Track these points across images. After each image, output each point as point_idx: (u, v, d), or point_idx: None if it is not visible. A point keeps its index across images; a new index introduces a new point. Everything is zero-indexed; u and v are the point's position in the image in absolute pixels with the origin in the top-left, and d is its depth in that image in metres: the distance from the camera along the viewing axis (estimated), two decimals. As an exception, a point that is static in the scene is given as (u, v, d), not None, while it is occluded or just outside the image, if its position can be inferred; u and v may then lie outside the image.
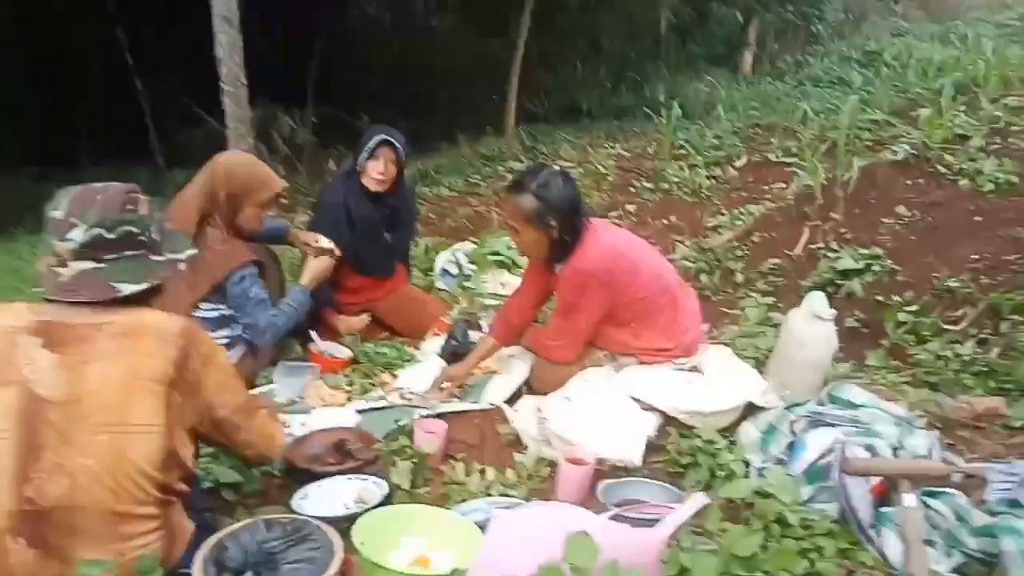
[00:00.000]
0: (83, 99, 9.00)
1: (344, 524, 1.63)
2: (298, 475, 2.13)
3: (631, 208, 5.85)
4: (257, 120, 7.89)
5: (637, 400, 2.25)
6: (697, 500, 1.50)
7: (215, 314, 2.59)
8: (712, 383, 2.28)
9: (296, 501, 1.95)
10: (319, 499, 1.98)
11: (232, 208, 2.58)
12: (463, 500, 1.93)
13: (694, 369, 2.41)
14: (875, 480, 1.77)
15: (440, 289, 3.70)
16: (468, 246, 3.90)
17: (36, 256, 1.58)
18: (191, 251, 1.66)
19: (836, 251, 3.59)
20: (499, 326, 2.70)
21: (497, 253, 3.58)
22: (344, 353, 2.89)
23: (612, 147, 8.18)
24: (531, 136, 9.21)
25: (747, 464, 1.98)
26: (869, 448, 1.83)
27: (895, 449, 1.88)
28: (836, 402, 2.06)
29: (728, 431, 2.20)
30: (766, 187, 5.67)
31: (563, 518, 1.46)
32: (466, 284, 3.57)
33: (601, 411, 2.17)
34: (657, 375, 2.34)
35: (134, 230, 1.50)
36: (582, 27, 12.25)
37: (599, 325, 2.46)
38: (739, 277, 3.92)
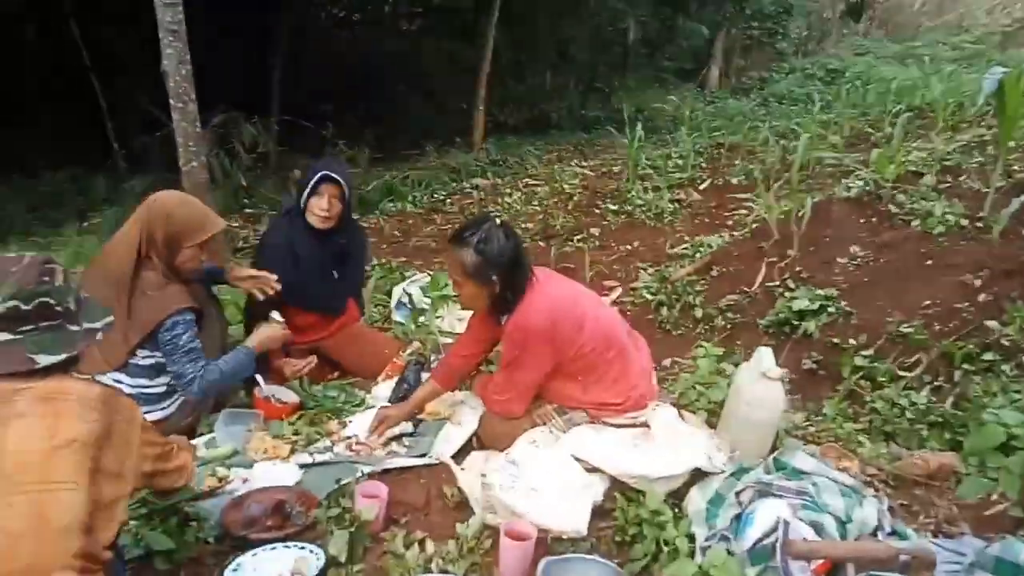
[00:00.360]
0: (39, 100, 8.71)
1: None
2: (234, 541, 2.05)
3: (595, 231, 5.86)
4: (217, 128, 7.78)
5: (582, 461, 2.21)
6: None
7: (150, 361, 2.49)
8: (660, 445, 2.25)
9: (228, 573, 1.88)
10: (253, 570, 1.91)
11: (170, 250, 2.48)
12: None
13: (644, 425, 2.38)
14: (818, 561, 1.76)
15: (397, 322, 3.63)
16: (424, 279, 3.84)
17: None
18: (107, 319, 1.67)
19: (792, 290, 3.61)
20: (441, 371, 2.66)
21: (447, 285, 3.51)
22: (291, 398, 2.81)
23: (579, 164, 8.20)
24: (499, 149, 9.19)
25: (692, 539, 1.95)
26: (815, 525, 1.81)
27: (843, 523, 1.87)
28: (783, 469, 2.05)
29: (677, 496, 2.18)
30: (728, 213, 5.72)
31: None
32: (420, 320, 3.50)
33: (546, 476, 2.12)
34: (604, 437, 2.31)
35: (51, 301, 1.52)
36: (551, 36, 12.26)
37: (546, 379, 2.42)
38: (698, 312, 3.93)
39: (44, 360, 1.49)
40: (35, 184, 7.76)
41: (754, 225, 4.74)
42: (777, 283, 3.78)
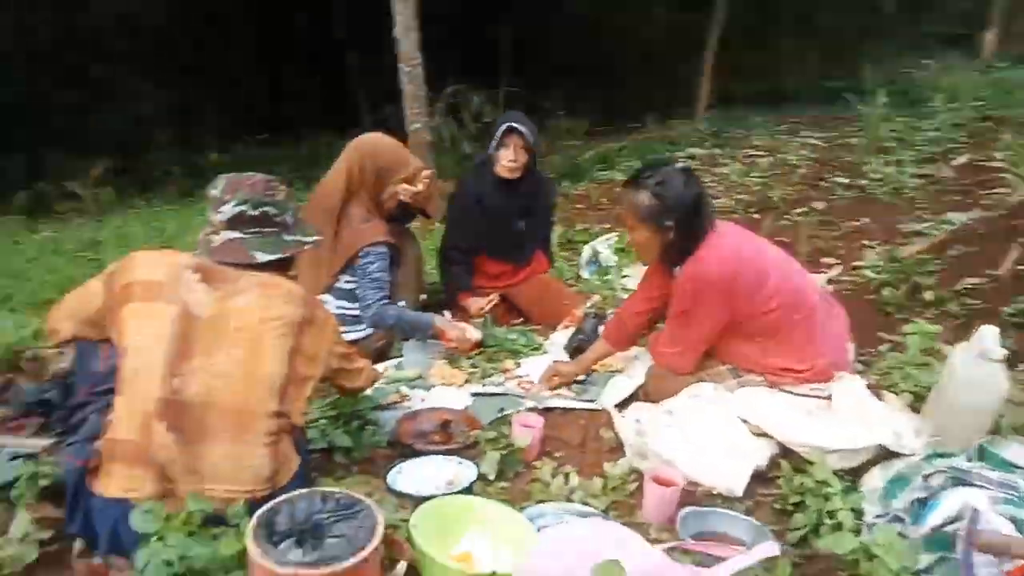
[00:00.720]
0: (306, 75, 9.91)
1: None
2: (402, 449, 2.23)
3: (819, 206, 5.36)
4: (448, 98, 8.31)
5: (749, 424, 2.07)
6: (765, 549, 1.36)
7: (351, 286, 2.77)
8: (841, 418, 2.03)
9: (392, 475, 2.05)
10: (412, 474, 2.06)
11: (377, 184, 2.73)
12: (542, 500, 1.90)
13: (826, 398, 2.16)
14: (1019, 562, 1.48)
15: (584, 279, 3.65)
16: (614, 237, 3.80)
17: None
18: (316, 238, 1.97)
19: (1049, 275, 3.03)
20: (612, 329, 2.63)
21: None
22: (474, 335, 2.96)
23: (811, 135, 7.54)
24: (723, 120, 8.74)
25: (860, 515, 1.74)
26: (1016, 522, 1.53)
27: (1056, 528, 1.56)
28: (989, 459, 1.75)
29: (855, 475, 1.96)
30: (985, 192, 4.92)
31: (611, 542, 1.40)
32: (606, 277, 3.48)
33: (705, 431, 2.02)
34: (777, 400, 2.13)
35: (271, 211, 1.83)
36: (792, 1, 11.32)
37: (720, 336, 2.28)
38: (928, 295, 3.44)
39: (261, 257, 1.79)
40: (299, 148, 8.87)
41: (1009, 201, 4.03)
42: (1031, 266, 3.20)
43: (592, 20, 12.15)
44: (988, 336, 2.02)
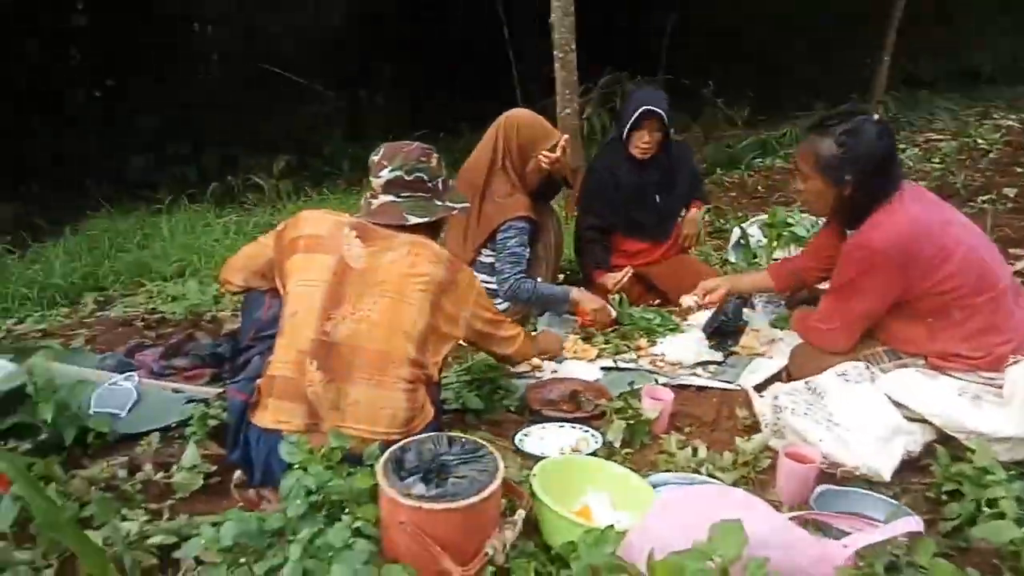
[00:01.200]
0: (461, 63, 10.24)
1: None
2: (531, 414, 2.28)
3: (1010, 192, 4.81)
4: (602, 88, 8.28)
5: (903, 407, 1.90)
6: (906, 523, 1.25)
7: (491, 259, 2.86)
8: (1011, 404, 1.81)
9: (519, 436, 2.10)
10: (539, 439, 2.10)
11: (520, 157, 2.81)
12: (668, 470, 1.86)
13: (999, 386, 1.93)
14: None
15: (730, 262, 3.52)
16: (764, 218, 3.61)
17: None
18: (464, 204, 2.11)
19: None
20: (780, 268, 2.60)
21: (791, 226, 3.23)
22: (612, 311, 2.95)
23: (1004, 118, 6.74)
24: (903, 103, 8.02)
25: (1027, 507, 1.55)
26: None
27: None
28: None
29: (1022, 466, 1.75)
30: None
31: (737, 507, 1.35)
32: (755, 260, 3.32)
33: (852, 411, 1.88)
34: (938, 383, 1.94)
35: (424, 177, 1.97)
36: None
37: (883, 314, 2.10)
38: None
39: (412, 219, 1.94)
40: (457, 141, 9.21)
41: None
42: None
43: (758, 3, 11.58)
44: None
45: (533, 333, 2.79)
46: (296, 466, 1.61)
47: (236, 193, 6.91)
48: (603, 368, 2.58)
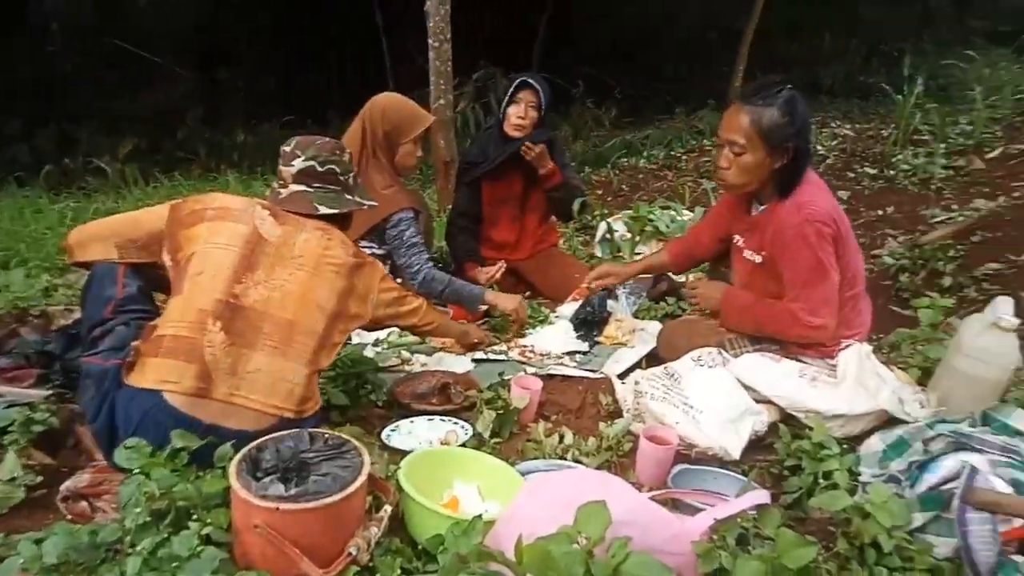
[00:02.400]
0: (333, 52, 9.93)
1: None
2: (399, 409, 2.23)
3: (844, 195, 5.26)
4: (476, 83, 8.31)
5: (751, 390, 2.03)
6: (753, 497, 1.32)
7: (367, 251, 2.76)
8: (845, 385, 1.98)
9: (386, 432, 2.05)
10: (407, 433, 2.06)
11: (390, 146, 2.73)
12: (535, 458, 1.88)
13: (834, 366, 2.11)
14: (1017, 523, 1.43)
15: (597, 257, 3.62)
16: (628, 213, 3.76)
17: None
18: (373, 202, 2.13)
19: (1075, 260, 2.93)
20: (678, 245, 2.62)
21: (652, 221, 3.38)
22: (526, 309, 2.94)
23: (841, 126, 7.40)
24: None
25: (856, 477, 1.70)
26: (1016, 484, 1.48)
27: (1059, 494, 1.50)
28: (991, 424, 1.69)
29: (856, 442, 1.91)
30: (1016, 184, 4.78)
31: (599, 488, 1.37)
32: (618, 254, 3.44)
33: (706, 394, 1.98)
34: (781, 366, 2.09)
35: (337, 169, 1.98)
36: (838, -7, 11.10)
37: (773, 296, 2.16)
38: (946, 280, 3.36)
39: (323, 210, 1.93)
40: (326, 127, 8.91)
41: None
42: (1057, 251, 3.10)
43: (628, 11, 12.05)
44: (1002, 305, 1.97)
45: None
46: (136, 471, 1.48)
47: (75, 177, 6.33)
48: (474, 360, 2.57)
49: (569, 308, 2.96)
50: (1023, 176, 4.88)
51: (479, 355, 2.61)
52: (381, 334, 2.75)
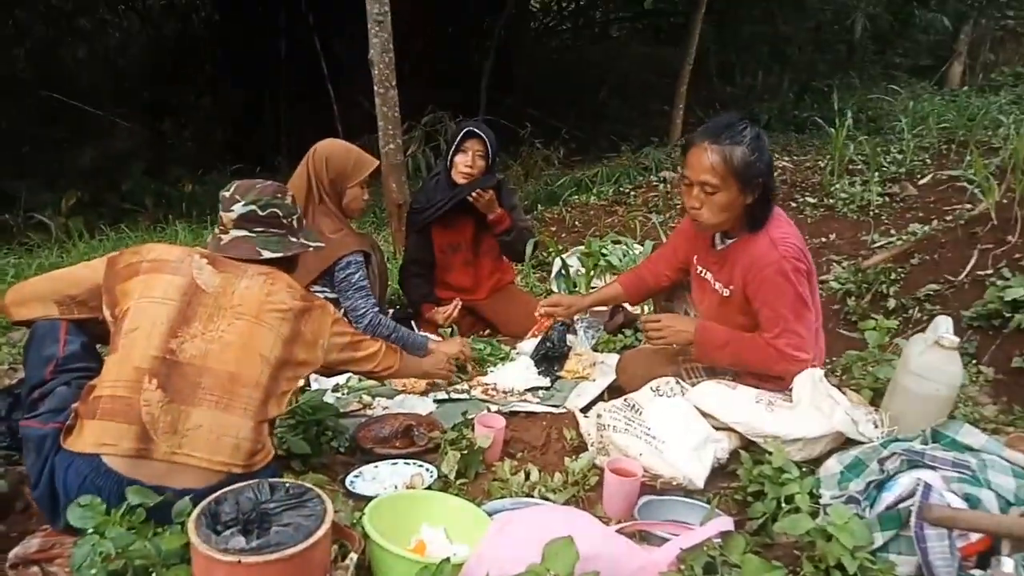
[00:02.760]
0: (283, 104, 9.95)
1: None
2: (362, 454, 2.20)
3: (786, 225, 5.44)
4: (425, 127, 8.39)
5: (710, 417, 2.06)
6: (717, 524, 1.34)
7: (320, 296, 2.74)
8: (800, 409, 2.03)
9: (349, 478, 2.01)
10: (371, 478, 2.03)
11: (336, 192, 2.73)
12: (501, 497, 1.87)
13: (789, 390, 2.16)
14: (974, 537, 1.48)
15: (553, 292, 3.66)
16: (581, 249, 3.82)
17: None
18: (319, 243, 2.09)
19: (1007, 279, 3.08)
20: (631, 279, 2.63)
21: (605, 256, 3.44)
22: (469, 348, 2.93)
23: (780, 158, 7.68)
24: (694, 147, 8.90)
25: (818, 500, 1.73)
26: (969, 498, 1.53)
27: (1009, 503, 1.56)
28: (941, 440, 1.75)
29: (815, 465, 1.96)
30: (948, 208, 5.03)
31: (565, 524, 1.37)
32: (575, 289, 3.48)
33: (667, 424, 2.01)
34: (737, 393, 2.13)
35: (279, 212, 1.94)
36: (765, 36, 11.63)
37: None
38: (891, 303, 3.49)
39: (267, 254, 1.89)
40: (274, 175, 8.86)
41: (970, 214, 4.12)
42: (990, 271, 3.25)
43: (571, 55, 12.43)
44: (942, 325, 2.05)
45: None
46: (91, 531, 1.43)
47: (15, 233, 6.14)
48: (436, 400, 2.56)
49: (529, 344, 2.97)
50: (953, 201, 5.13)
51: (441, 395, 2.60)
52: (341, 379, 2.72)
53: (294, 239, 1.98)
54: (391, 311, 3.25)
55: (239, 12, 9.68)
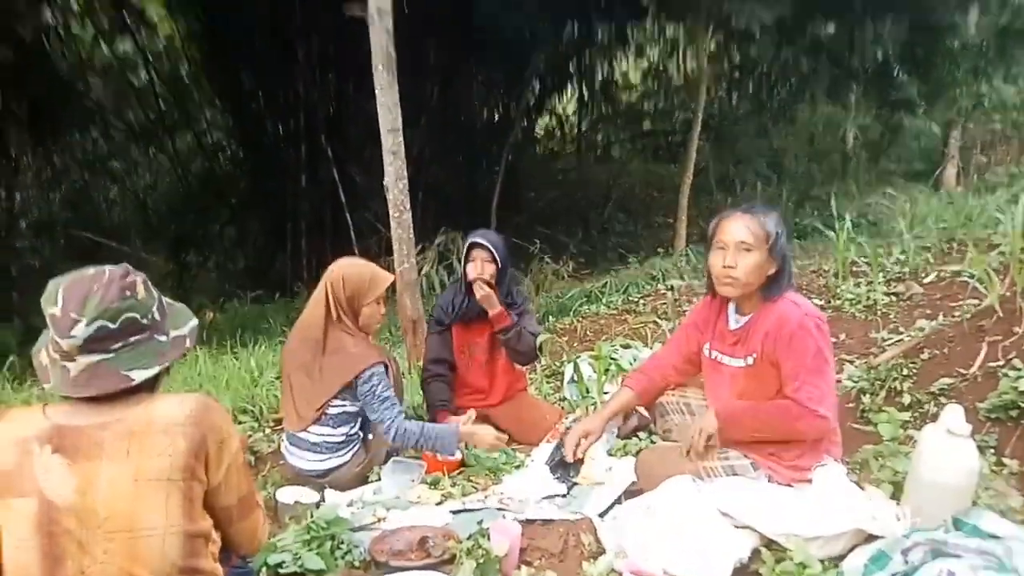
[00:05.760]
0: (300, 231, 10.35)
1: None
2: (377, 568, 2.17)
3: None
4: (438, 247, 8.70)
5: (728, 516, 2.04)
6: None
7: (338, 411, 2.78)
8: (821, 505, 2.01)
9: (365, 592, 1.99)
10: (387, 592, 2.00)
11: (353, 309, 2.81)
12: (520, 606, 1.84)
13: (808, 481, 2.15)
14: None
15: (565, 399, 3.68)
16: (592, 353, 3.87)
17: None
18: (193, 323, 1.62)
19: (1019, 370, 3.08)
20: (639, 379, 2.66)
21: (615, 360, 3.49)
22: (455, 455, 2.94)
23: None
24: (700, 255, 9.08)
25: (842, 596, 1.69)
26: (996, 587, 1.50)
27: (1038, 595, 1.52)
28: (963, 528, 1.73)
29: (837, 562, 1.92)
30: (954, 304, 5.07)
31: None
32: (587, 395, 3.51)
33: (685, 525, 1.99)
34: (756, 491, 2.11)
35: (136, 315, 1.46)
36: (761, 149, 12.16)
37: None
38: (906, 398, 3.47)
39: (139, 376, 1.45)
40: (294, 300, 9.11)
41: (976, 308, 4.16)
42: (1001, 363, 3.26)
43: (575, 175, 13.01)
44: (952, 413, 2.06)
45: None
46: None
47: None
48: (452, 511, 2.54)
49: (543, 451, 2.97)
50: (959, 296, 5.17)
51: (456, 506, 2.58)
52: (355, 493, 2.72)
53: (163, 337, 1.51)
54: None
55: (262, 148, 10.29)
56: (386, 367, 2.83)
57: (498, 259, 3.21)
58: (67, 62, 10.34)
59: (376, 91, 4.47)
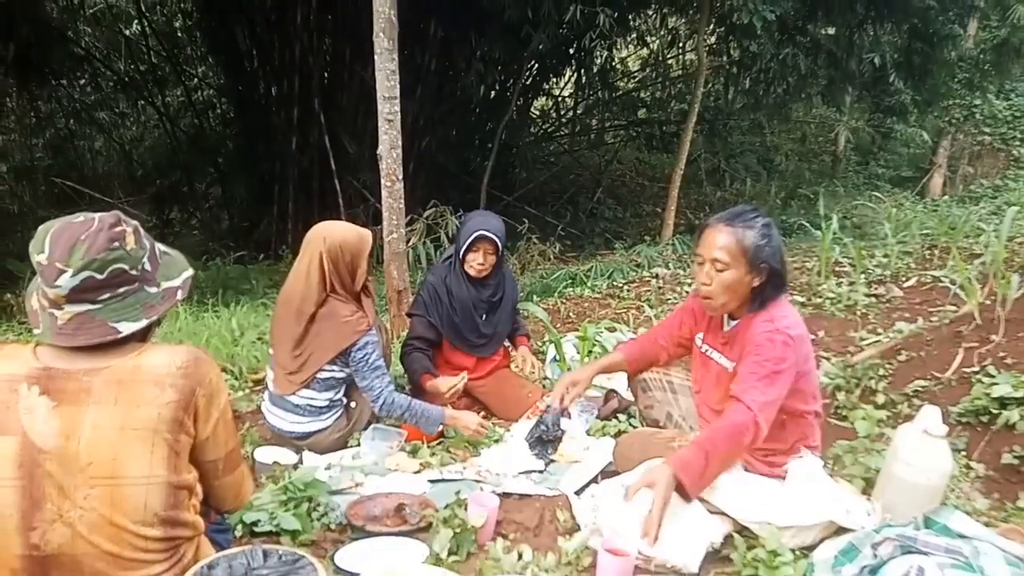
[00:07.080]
0: (293, 195, 10.24)
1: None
2: (353, 531, 2.18)
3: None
4: (427, 220, 8.65)
5: (704, 502, 2.07)
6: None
7: (327, 375, 2.76)
8: (795, 496, 2.05)
9: (339, 553, 2.00)
10: (361, 556, 2.01)
11: (352, 273, 2.75)
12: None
13: (783, 475, 2.18)
14: (967, 625, 1.48)
15: (547, 378, 3.69)
16: (576, 335, 3.89)
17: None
18: (187, 273, 1.59)
19: (992, 376, 3.14)
20: (632, 347, 2.70)
21: (599, 342, 3.51)
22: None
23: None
24: (686, 244, 9.12)
25: (811, 584, 1.73)
26: (961, 584, 1.54)
27: (1002, 593, 1.57)
28: (932, 527, 1.77)
29: (807, 552, 1.95)
30: (933, 309, 5.15)
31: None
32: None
33: (660, 506, 2.01)
34: (732, 478, 2.14)
35: (124, 266, 1.43)
36: (754, 145, 12.21)
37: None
38: (880, 398, 3.53)
39: (126, 328, 1.42)
40: (276, 265, 9.04)
41: (955, 314, 4.23)
42: (976, 368, 3.32)
43: (568, 159, 12.97)
44: (930, 414, 2.10)
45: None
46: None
47: (15, 312, 6.21)
48: (430, 480, 2.55)
49: (523, 427, 2.99)
50: (938, 302, 5.26)
51: (435, 475, 2.60)
52: (333, 457, 2.72)
53: (153, 289, 1.49)
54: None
55: (254, 109, 10.13)
56: (378, 332, 2.82)
57: (500, 250, 3.21)
58: (58, 6, 10.09)
59: (375, 57, 4.41)
